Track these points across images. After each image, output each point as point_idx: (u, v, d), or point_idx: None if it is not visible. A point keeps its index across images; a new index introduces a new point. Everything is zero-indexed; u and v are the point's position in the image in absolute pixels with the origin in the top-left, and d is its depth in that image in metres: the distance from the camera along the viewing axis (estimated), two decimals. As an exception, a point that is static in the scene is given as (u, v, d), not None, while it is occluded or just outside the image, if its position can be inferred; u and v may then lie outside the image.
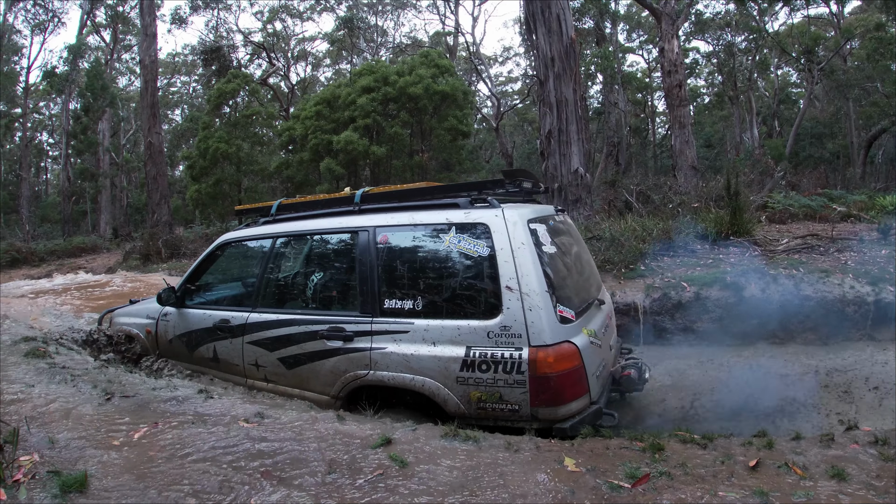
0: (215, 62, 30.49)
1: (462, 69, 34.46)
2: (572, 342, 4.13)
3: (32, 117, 42.42)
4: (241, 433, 4.37)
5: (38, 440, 4.52)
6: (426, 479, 3.37)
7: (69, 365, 6.70)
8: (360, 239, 4.97)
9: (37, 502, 3.54)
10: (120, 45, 36.91)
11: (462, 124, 18.09)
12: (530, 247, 4.25)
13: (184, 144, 39.69)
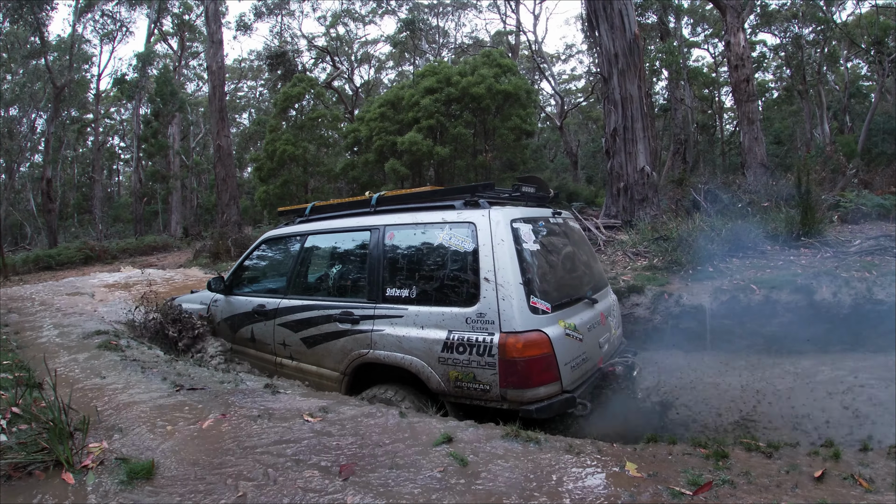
0: (280, 67, 30.95)
1: (524, 68, 34.30)
2: (543, 331, 4.55)
3: (104, 122, 43.91)
4: (305, 427, 4.46)
5: (107, 428, 4.68)
6: (486, 478, 3.38)
7: (139, 357, 6.93)
8: (371, 236, 5.70)
9: (104, 487, 3.69)
10: (187, 52, 37.83)
11: (525, 123, 17.95)
12: (510, 244, 4.74)
13: (252, 147, 40.44)
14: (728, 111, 37.68)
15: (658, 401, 5.77)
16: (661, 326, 8.52)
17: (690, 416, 5.74)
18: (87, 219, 40.85)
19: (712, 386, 6.74)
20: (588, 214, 14.54)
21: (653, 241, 10.78)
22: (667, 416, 5.55)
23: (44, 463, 3.98)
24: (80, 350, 7.47)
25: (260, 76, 45.17)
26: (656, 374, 7.26)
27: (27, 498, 3.67)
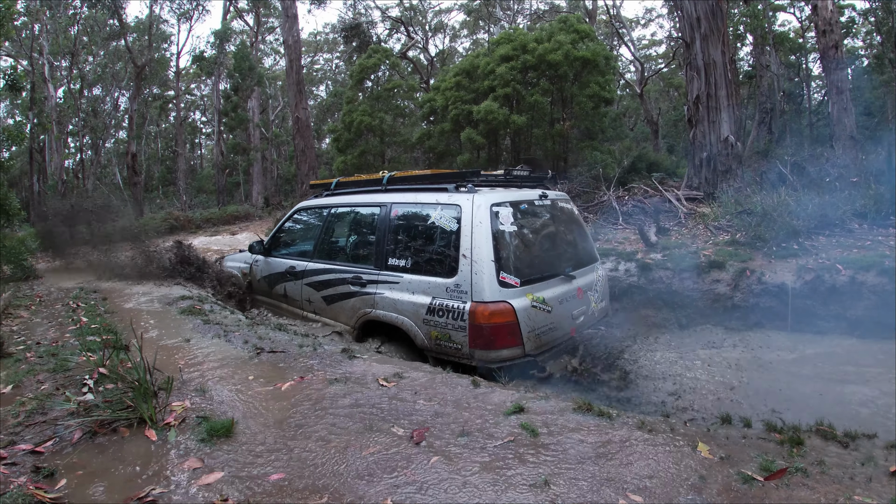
0: (355, 39, 31.07)
1: (602, 33, 33.56)
2: (509, 303, 5.34)
3: (185, 98, 45.15)
4: (379, 392, 4.57)
5: (190, 388, 4.87)
6: (556, 450, 3.40)
7: (222, 321, 7.21)
8: (380, 211, 6.60)
9: (184, 444, 3.87)
10: (263, 27, 38.29)
11: (604, 91, 17.51)
12: (486, 225, 5.47)
13: (329, 118, 40.87)
14: (816, 79, 35.87)
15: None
16: (742, 305, 8.35)
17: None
18: (171, 190, 42.15)
19: (781, 370, 6.60)
20: (669, 186, 14.24)
21: (736, 214, 10.49)
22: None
23: (128, 420, 4.19)
24: (166, 314, 7.80)
25: (335, 49, 45.54)
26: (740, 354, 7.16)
27: (114, 453, 3.85)
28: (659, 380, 6.60)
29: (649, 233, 10.53)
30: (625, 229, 12.05)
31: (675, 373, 6.80)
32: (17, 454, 3.90)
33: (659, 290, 9.23)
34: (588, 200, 14.42)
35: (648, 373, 6.72)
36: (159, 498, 3.29)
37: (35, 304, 8.95)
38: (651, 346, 7.81)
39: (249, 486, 3.36)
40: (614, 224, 12.55)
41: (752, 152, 20.11)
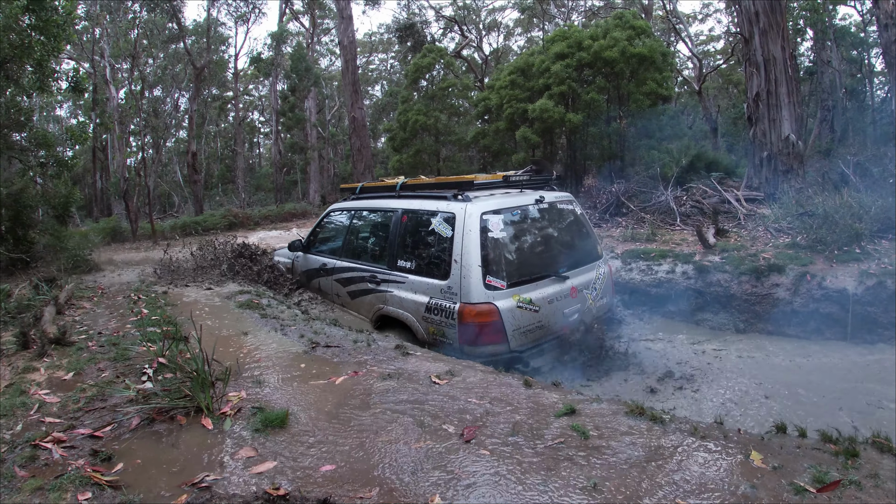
0: (410, 38, 31.17)
1: (659, 29, 33.02)
2: (494, 304, 5.88)
3: (243, 99, 45.98)
4: (431, 389, 4.61)
5: (246, 380, 4.99)
6: (607, 453, 3.39)
7: (279, 316, 7.39)
8: (392, 216, 7.23)
9: (239, 433, 3.99)
10: (318, 29, 38.65)
11: (662, 88, 17.22)
12: (476, 233, 5.98)
13: (385, 118, 41.11)
14: (879, 75, 34.77)
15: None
16: (801, 310, 8.15)
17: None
18: (230, 188, 43.04)
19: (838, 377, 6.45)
20: (728, 186, 13.98)
21: (796, 216, 10.27)
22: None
23: (185, 409, 4.34)
24: (224, 308, 8.00)
25: (390, 49, 45.78)
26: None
27: (170, 440, 4.00)
28: (712, 387, 6.54)
29: (707, 234, 10.36)
30: (682, 230, 11.90)
31: (730, 382, 6.72)
32: (76, 438, 4.06)
33: (716, 294, 9.07)
34: (645, 200, 14.25)
35: (697, 380, 6.67)
36: (213, 484, 3.38)
37: (97, 295, 9.25)
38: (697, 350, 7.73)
39: (301, 476, 3.43)
40: (671, 225, 12.39)
41: (813, 151, 19.62)
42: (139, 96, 32.15)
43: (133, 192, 25.24)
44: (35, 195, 13.40)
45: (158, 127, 33.94)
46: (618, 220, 13.72)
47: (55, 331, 6.53)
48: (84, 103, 32.69)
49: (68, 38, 12.53)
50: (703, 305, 9.17)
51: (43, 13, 11.03)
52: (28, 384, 5.22)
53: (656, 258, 10.18)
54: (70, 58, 28.68)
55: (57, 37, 11.37)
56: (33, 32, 11.17)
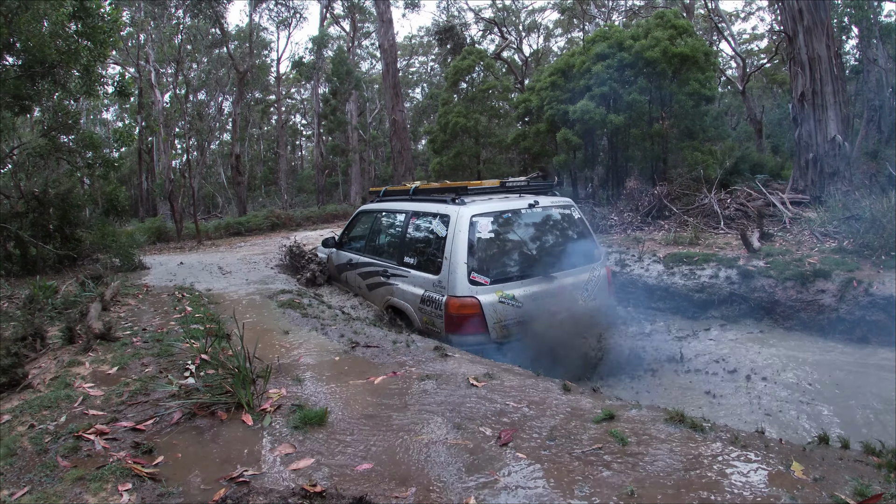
0: (449, 41, 31.25)
1: (701, 28, 32.46)
2: (476, 298, 6.47)
3: (285, 102, 46.63)
4: (469, 391, 4.62)
5: (287, 377, 5.06)
6: (645, 461, 3.34)
7: (320, 315, 7.52)
8: (404, 217, 8.03)
9: (278, 430, 4.05)
10: (359, 32, 39.07)
11: (705, 88, 16.87)
12: (465, 234, 6.57)
13: (425, 120, 41.28)
14: (927, 75, 33.77)
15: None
16: (847, 318, 7.95)
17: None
18: (273, 190, 43.61)
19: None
20: (773, 188, 13.75)
21: (843, 220, 10.05)
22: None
23: (226, 404, 4.43)
24: (266, 306, 8.17)
25: (430, 51, 45.96)
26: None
27: (211, 434, 4.07)
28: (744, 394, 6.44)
29: (752, 238, 10.19)
30: (726, 234, 11.73)
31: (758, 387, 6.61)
32: (118, 430, 4.16)
33: (760, 300, 8.91)
34: (688, 203, 14.07)
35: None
36: (251, 479, 3.43)
37: (142, 293, 9.44)
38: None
39: (338, 474, 3.45)
40: (715, 228, 12.22)
41: (860, 153, 19.16)
42: (184, 100, 32.77)
43: (178, 192, 25.73)
44: (82, 195, 13.74)
45: (203, 130, 34.54)
46: (660, 223, 13.55)
47: (100, 326, 6.66)
48: (130, 107, 33.46)
49: (114, 44, 12.86)
50: (747, 311, 9.00)
51: (89, 20, 11.31)
52: (73, 377, 5.34)
53: (699, 262, 10.02)
54: (116, 63, 29.31)
55: (103, 42, 11.66)
56: (80, 38, 11.47)
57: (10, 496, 3.40)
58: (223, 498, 3.28)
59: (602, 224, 14.02)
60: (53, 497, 3.35)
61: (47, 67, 11.23)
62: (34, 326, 6.49)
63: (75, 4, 11.21)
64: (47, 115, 13.38)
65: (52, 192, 12.36)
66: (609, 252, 11.27)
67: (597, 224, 13.91)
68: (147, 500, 3.29)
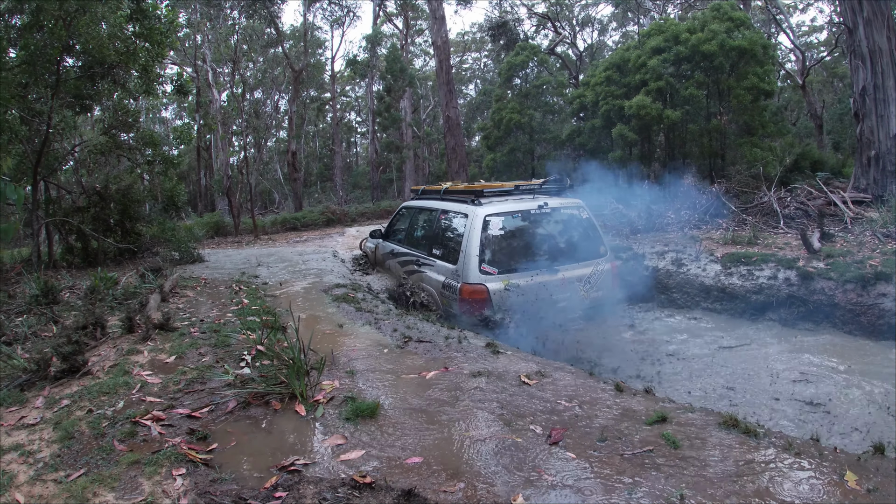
0: (502, 37, 31.14)
1: (758, 20, 31.63)
2: (485, 285, 7.44)
3: (340, 100, 47.08)
4: (520, 389, 4.62)
5: (340, 370, 5.11)
6: (696, 465, 3.30)
7: (373, 309, 7.62)
8: (435, 213, 9.14)
9: (330, 421, 4.10)
10: (412, 30, 39.14)
11: (763, 82, 16.43)
12: (479, 231, 7.57)
13: (479, 116, 41.22)
14: None
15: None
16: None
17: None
18: (328, 186, 44.13)
19: None
20: (834, 187, 13.36)
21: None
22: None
23: (280, 395, 4.51)
24: (322, 300, 8.31)
25: (483, 47, 45.92)
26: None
27: (264, 424, 4.16)
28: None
29: (812, 238, 9.91)
30: (786, 234, 11.44)
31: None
32: (174, 417, 4.27)
33: (819, 303, 8.66)
34: (747, 201, 13.77)
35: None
36: (303, 469, 3.48)
37: (200, 285, 9.64)
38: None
39: (388, 466, 3.48)
40: (774, 228, 11.92)
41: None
42: (241, 98, 33.32)
43: (235, 188, 26.21)
44: (142, 190, 14.11)
45: (259, 127, 35.07)
46: (718, 222, 13.26)
47: (159, 317, 6.82)
48: (188, 105, 34.16)
49: (171, 45, 13.19)
50: (805, 314, 8.76)
51: (146, 21, 11.61)
52: (131, 365, 5.47)
53: (757, 262, 9.78)
54: (174, 63, 30.04)
55: (160, 43, 11.97)
56: (138, 40, 11.77)
57: (66, 477, 3.49)
58: (274, 485, 3.33)
59: (658, 222, 13.77)
60: (109, 479, 3.43)
61: (107, 68, 11.54)
62: (95, 316, 6.66)
63: (132, 7, 11.50)
64: (107, 114, 13.77)
65: (113, 188, 12.70)
66: (665, 251, 11.14)
67: (653, 222, 13.70)
68: (200, 485, 3.35)
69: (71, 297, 8.72)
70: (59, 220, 12.04)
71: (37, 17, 10.56)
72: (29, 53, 10.52)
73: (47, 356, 5.36)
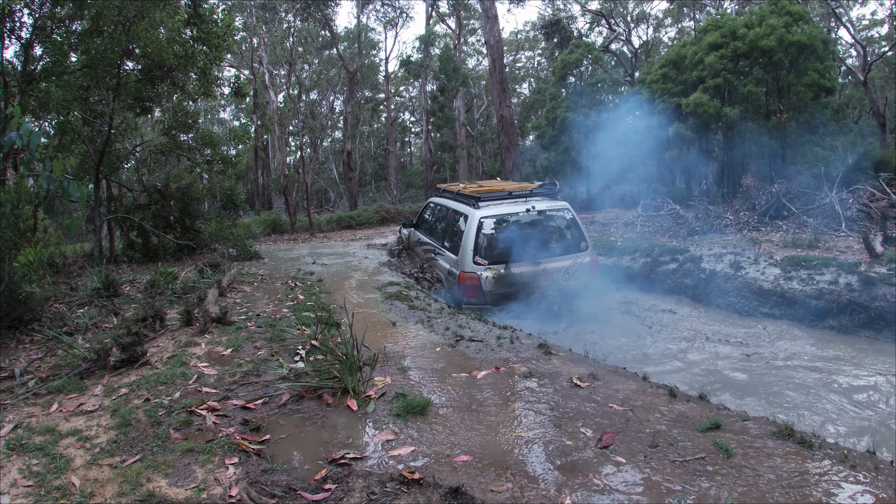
0: (556, 35, 30.90)
1: (817, 14, 30.61)
2: (476, 273, 9.11)
3: (394, 100, 47.39)
4: (572, 391, 4.61)
5: (392, 367, 5.17)
6: (749, 474, 3.27)
7: (426, 308, 7.68)
8: (448, 211, 10.82)
9: (380, 415, 4.19)
10: (464, 29, 39.06)
11: (824, 79, 15.91)
12: (474, 230, 9.19)
13: (532, 115, 40.97)
14: None
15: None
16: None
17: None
18: (382, 185, 44.50)
19: None
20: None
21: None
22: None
23: (333, 389, 4.61)
24: (375, 297, 8.45)
25: (536, 46, 45.55)
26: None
27: (316, 417, 4.25)
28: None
29: (874, 242, 9.58)
30: (847, 237, 11.13)
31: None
32: (229, 408, 4.40)
33: (881, 309, 8.37)
34: (807, 203, 13.37)
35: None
36: (353, 462, 3.53)
37: (257, 281, 9.84)
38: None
39: (436, 463, 3.51)
40: (836, 230, 11.59)
41: None
42: (297, 99, 33.80)
43: (292, 187, 26.59)
44: (201, 189, 14.45)
45: (315, 128, 35.46)
46: (777, 224, 12.94)
47: (217, 311, 6.98)
48: (245, 107, 34.79)
49: (228, 48, 13.52)
50: (866, 321, 8.49)
51: (203, 26, 11.92)
52: (189, 357, 5.61)
53: (818, 267, 9.50)
54: (231, 66, 30.66)
55: (217, 47, 12.27)
56: (196, 43, 12.08)
57: (122, 462, 3.59)
58: (324, 478, 3.38)
59: (717, 223, 13.52)
60: (163, 466, 3.52)
61: (166, 71, 11.85)
62: (154, 309, 6.84)
63: (189, 11, 11.80)
64: (167, 115, 14.16)
65: (174, 186, 13.05)
66: (723, 253, 10.89)
67: (711, 223, 13.46)
68: (252, 474, 3.42)
69: (131, 291, 8.98)
70: (121, 216, 12.41)
71: (97, 22, 10.87)
72: (90, 57, 10.85)
73: (107, 346, 5.53)
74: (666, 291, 11.23)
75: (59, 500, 3.26)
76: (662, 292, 11.21)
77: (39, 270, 6.88)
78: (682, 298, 10.87)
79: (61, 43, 10.93)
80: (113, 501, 3.18)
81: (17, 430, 4.14)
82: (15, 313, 6.64)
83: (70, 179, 5.79)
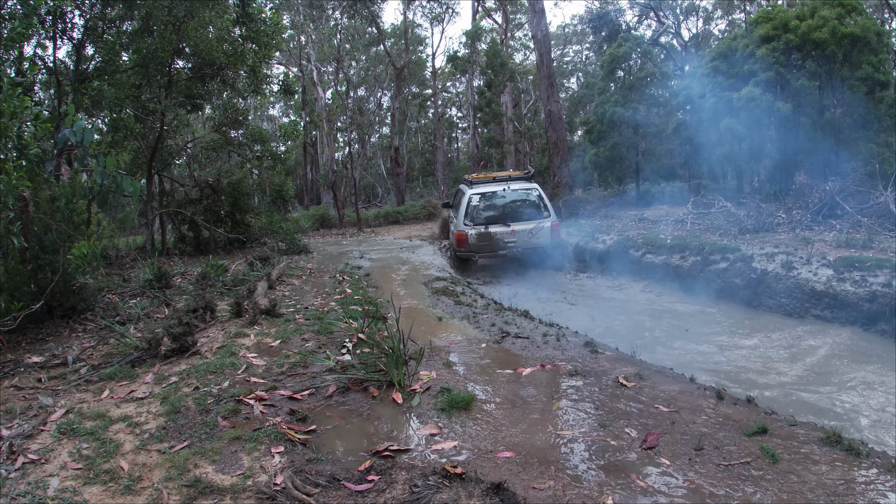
0: (604, 28, 30.56)
1: (870, 6, 29.77)
2: (466, 231, 13.17)
3: (441, 96, 47.41)
4: (618, 391, 4.61)
5: (437, 362, 5.22)
6: (795, 480, 3.23)
7: (472, 304, 7.74)
8: (461, 192, 14.38)
9: (425, 409, 4.26)
10: (511, 24, 38.88)
11: (878, 72, 15.36)
12: (466, 203, 13.38)
13: (581, 110, 40.68)
14: None
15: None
16: None
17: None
18: (430, 180, 44.74)
19: None
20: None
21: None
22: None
23: (378, 382, 4.69)
24: (421, 292, 8.50)
25: (584, 40, 45.11)
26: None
27: (361, 409, 4.34)
28: None
29: (931, 244, 9.19)
30: (903, 238, 10.70)
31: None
32: (276, 398, 4.51)
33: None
34: (862, 201, 12.93)
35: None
36: (396, 455, 3.58)
37: (306, 274, 10.00)
38: None
39: (479, 458, 3.53)
40: (890, 230, 11.14)
41: None
42: (344, 96, 34.09)
43: (340, 183, 26.91)
44: (251, 184, 14.71)
45: (363, 124, 35.76)
46: (831, 223, 12.55)
47: (266, 303, 7.11)
48: (294, 104, 35.17)
49: (277, 46, 13.76)
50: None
51: (252, 24, 12.13)
52: (238, 347, 5.73)
53: (871, 268, 9.07)
54: (280, 63, 31.09)
55: (266, 45, 12.50)
56: (245, 42, 12.29)
57: (170, 448, 3.69)
58: (368, 469, 3.43)
59: (768, 222, 13.19)
60: (210, 452, 3.60)
61: (216, 69, 12.09)
62: (205, 300, 6.99)
63: (238, 11, 11.98)
64: (218, 112, 14.44)
65: (225, 182, 13.29)
66: (774, 253, 10.53)
67: (763, 221, 13.14)
68: (297, 463, 3.48)
69: (182, 283, 9.18)
70: (173, 210, 12.68)
71: (147, 22, 11.13)
72: (141, 57, 11.11)
73: (158, 336, 5.66)
74: (717, 295, 10.75)
75: (108, 482, 3.36)
76: (713, 295, 10.74)
77: (93, 262, 7.07)
78: (732, 304, 10.38)
79: (113, 43, 11.21)
80: (160, 486, 3.28)
81: (68, 415, 4.28)
82: (69, 303, 6.86)
83: (123, 175, 5.95)
